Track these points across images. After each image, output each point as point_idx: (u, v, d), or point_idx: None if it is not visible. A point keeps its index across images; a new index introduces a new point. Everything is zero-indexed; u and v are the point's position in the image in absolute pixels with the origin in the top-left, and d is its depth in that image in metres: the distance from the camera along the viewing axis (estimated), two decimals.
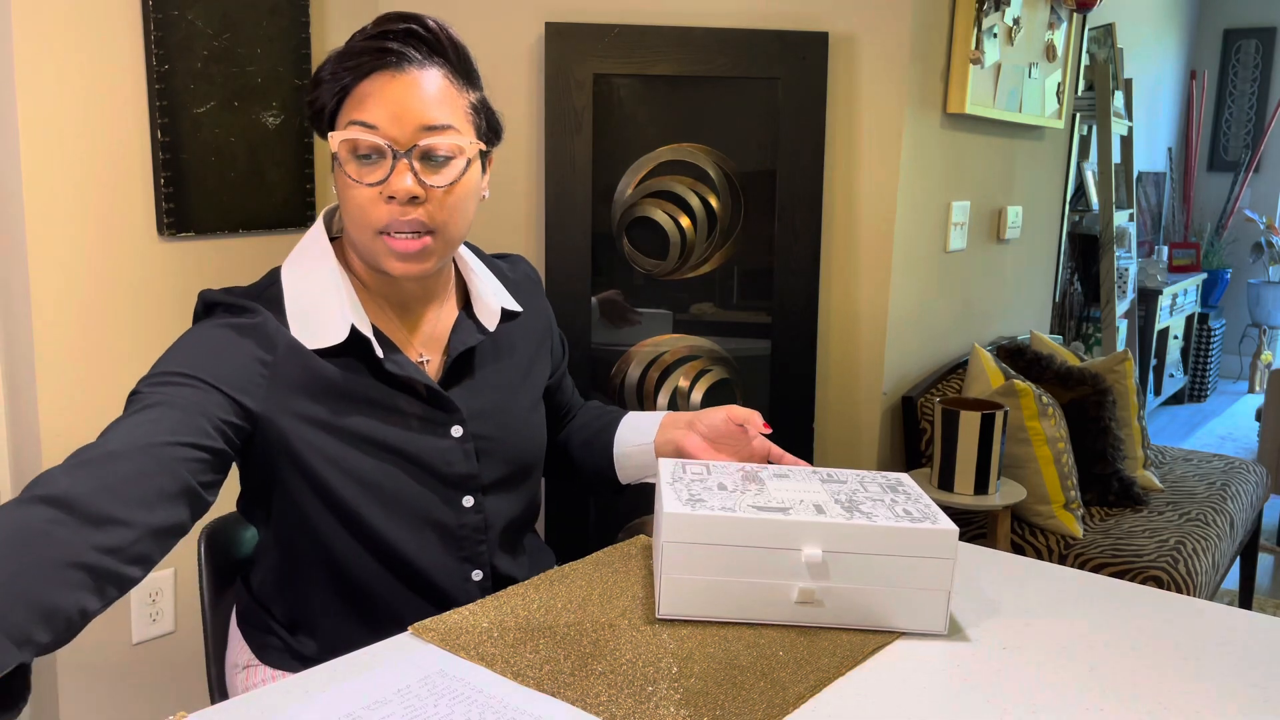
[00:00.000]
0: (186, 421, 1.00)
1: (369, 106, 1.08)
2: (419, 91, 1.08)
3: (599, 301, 2.32)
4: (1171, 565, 2.21)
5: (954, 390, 2.61)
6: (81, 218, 1.78)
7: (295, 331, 1.11)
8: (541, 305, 1.36)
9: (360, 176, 1.09)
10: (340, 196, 1.13)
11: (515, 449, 1.25)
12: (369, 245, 1.12)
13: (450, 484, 1.20)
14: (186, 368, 1.06)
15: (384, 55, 1.08)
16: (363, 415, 1.14)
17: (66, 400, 1.80)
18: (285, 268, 1.17)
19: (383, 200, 1.09)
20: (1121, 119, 4.43)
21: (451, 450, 1.19)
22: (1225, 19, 6.40)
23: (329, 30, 2.13)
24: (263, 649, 1.26)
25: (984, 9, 2.51)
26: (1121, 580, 1.30)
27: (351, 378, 1.14)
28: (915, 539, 1.11)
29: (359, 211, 1.10)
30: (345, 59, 1.10)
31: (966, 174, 2.73)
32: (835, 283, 2.39)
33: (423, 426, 1.17)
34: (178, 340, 1.11)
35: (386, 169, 1.08)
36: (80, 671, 1.87)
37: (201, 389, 1.04)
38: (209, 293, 1.15)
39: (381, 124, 1.07)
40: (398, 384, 1.16)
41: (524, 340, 1.30)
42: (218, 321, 1.12)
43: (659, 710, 0.94)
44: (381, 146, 1.08)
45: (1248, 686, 1.02)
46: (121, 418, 1.00)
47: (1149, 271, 5.22)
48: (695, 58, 2.23)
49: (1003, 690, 1.00)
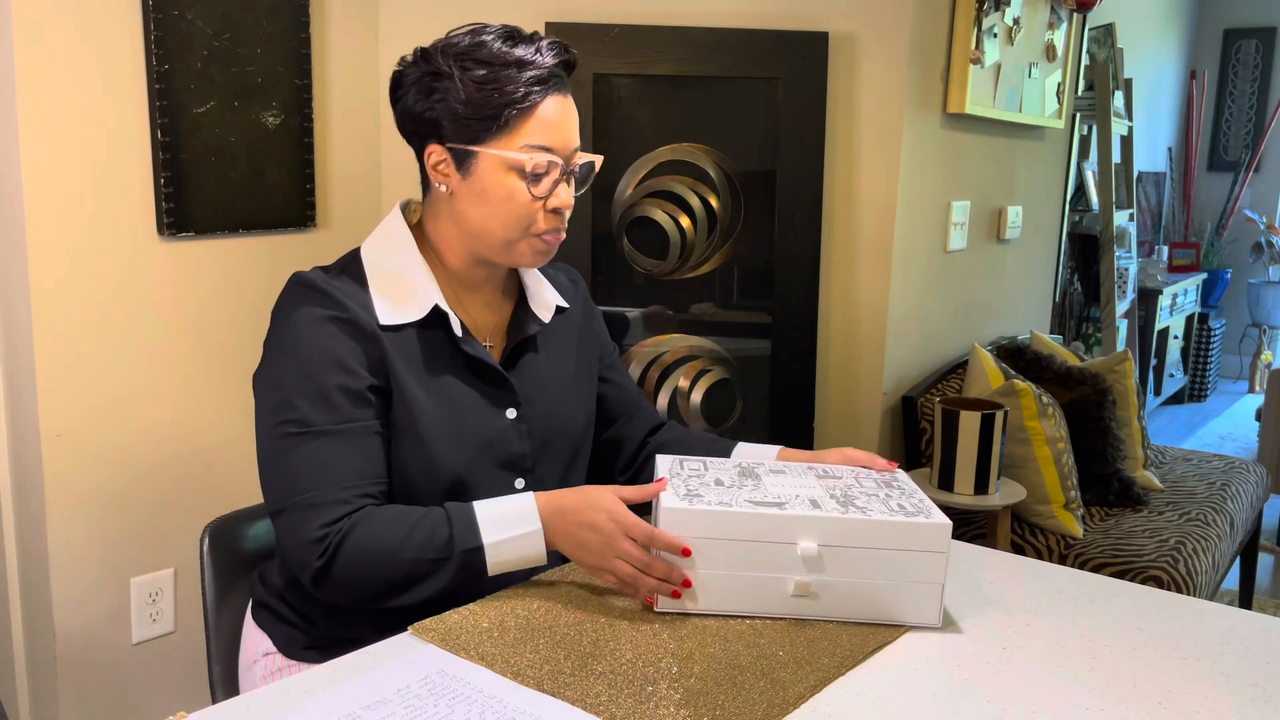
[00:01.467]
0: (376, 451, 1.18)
1: (548, 130, 1.19)
2: (573, 115, 1.22)
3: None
4: (1171, 565, 2.21)
5: (954, 390, 2.61)
6: (81, 218, 1.78)
7: (379, 307, 1.20)
8: (585, 303, 1.44)
9: (534, 189, 1.20)
10: (489, 197, 1.20)
11: (564, 433, 1.32)
12: (514, 243, 1.22)
13: (503, 465, 1.26)
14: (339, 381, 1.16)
15: (555, 79, 1.20)
16: (427, 398, 1.21)
17: (66, 400, 1.80)
18: (366, 250, 1.25)
19: (543, 209, 1.21)
20: (1121, 119, 4.43)
21: (507, 430, 1.26)
22: (1225, 19, 6.40)
23: (329, 30, 2.13)
24: (281, 639, 1.28)
25: (984, 9, 2.51)
26: (1121, 580, 1.30)
27: (427, 352, 1.22)
28: (908, 533, 1.11)
29: (523, 218, 1.21)
30: (526, 72, 1.17)
31: (966, 174, 2.73)
32: (835, 283, 2.39)
33: (482, 405, 1.25)
34: (295, 336, 1.17)
35: (551, 184, 1.21)
36: (80, 671, 1.87)
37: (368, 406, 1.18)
38: (303, 273, 1.22)
39: (557, 146, 1.20)
40: (466, 362, 1.24)
41: (571, 334, 1.39)
42: (323, 314, 1.17)
43: (659, 710, 0.94)
44: (555, 165, 1.20)
45: (1248, 686, 1.02)
46: (328, 447, 1.14)
47: (1149, 271, 5.22)
48: (695, 58, 2.23)
49: (1003, 690, 1.00)
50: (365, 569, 1.12)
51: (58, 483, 1.80)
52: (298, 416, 1.14)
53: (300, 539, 1.13)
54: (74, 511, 1.83)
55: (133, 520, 1.91)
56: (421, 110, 1.20)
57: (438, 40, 1.21)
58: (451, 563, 1.12)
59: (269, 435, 1.16)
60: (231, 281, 2.00)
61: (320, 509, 1.13)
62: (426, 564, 1.12)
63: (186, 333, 1.95)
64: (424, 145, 1.22)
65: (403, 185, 2.27)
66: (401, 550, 1.12)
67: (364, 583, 1.13)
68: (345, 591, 1.14)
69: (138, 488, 1.91)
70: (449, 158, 1.20)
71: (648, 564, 1.11)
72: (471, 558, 1.13)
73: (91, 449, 1.84)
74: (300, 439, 1.14)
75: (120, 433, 1.87)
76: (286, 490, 1.14)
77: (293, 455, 1.14)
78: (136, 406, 1.89)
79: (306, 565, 1.13)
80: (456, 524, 1.14)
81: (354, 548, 1.12)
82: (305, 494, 1.13)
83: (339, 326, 1.17)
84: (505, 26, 1.21)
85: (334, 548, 1.12)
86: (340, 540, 1.12)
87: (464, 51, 1.17)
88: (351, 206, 2.22)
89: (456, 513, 1.15)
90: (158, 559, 1.95)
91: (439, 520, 1.14)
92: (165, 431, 1.93)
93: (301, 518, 1.13)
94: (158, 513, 1.94)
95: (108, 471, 1.87)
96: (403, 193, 2.23)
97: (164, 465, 1.94)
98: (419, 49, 1.21)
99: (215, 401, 2.00)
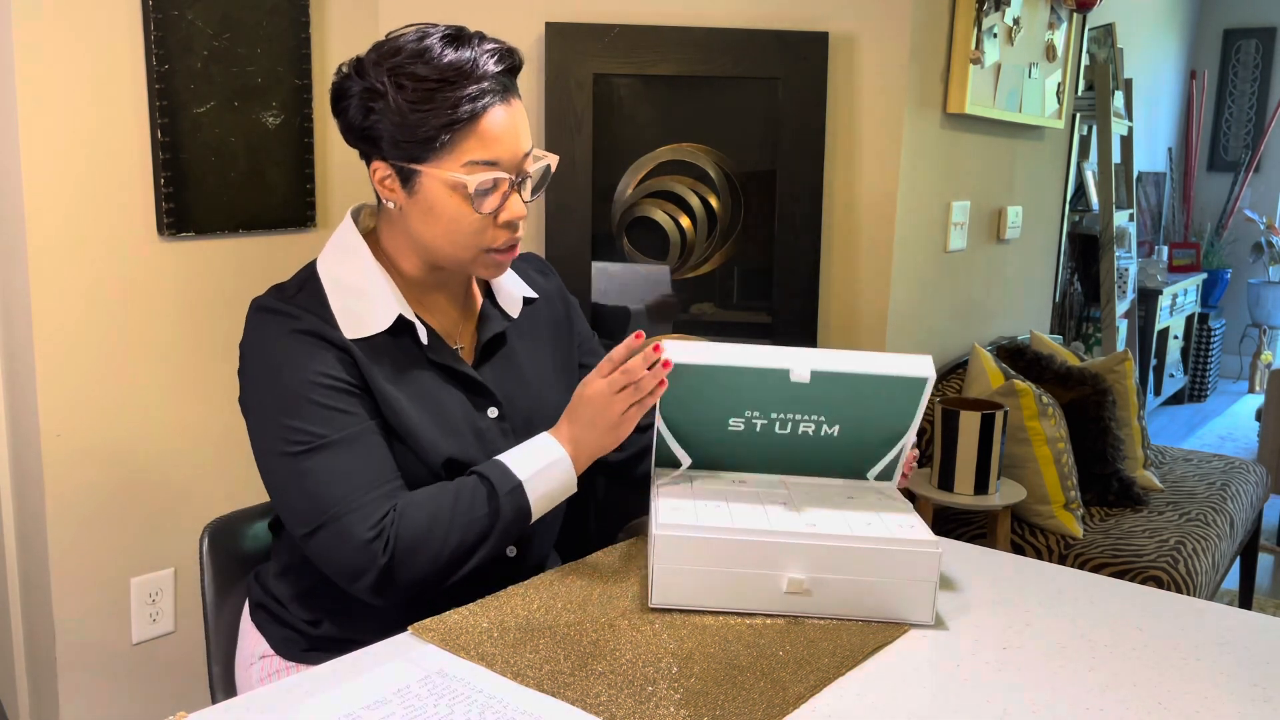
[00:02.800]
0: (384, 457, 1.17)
1: (491, 144, 1.14)
2: (520, 121, 1.17)
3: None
4: (1171, 565, 2.21)
5: (954, 390, 2.61)
6: (81, 218, 1.78)
7: (341, 323, 1.18)
8: (555, 289, 1.42)
9: (479, 207, 1.16)
10: (436, 216, 1.17)
11: (547, 423, 1.30)
12: (470, 258, 1.19)
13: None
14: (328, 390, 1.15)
15: (498, 89, 1.14)
16: (408, 401, 1.20)
17: (66, 400, 1.80)
18: (321, 263, 1.23)
19: (495, 224, 1.18)
20: (1121, 119, 4.43)
21: (490, 430, 1.26)
22: (1225, 19, 6.40)
23: (329, 30, 2.13)
24: (279, 641, 1.28)
25: (984, 9, 2.51)
26: (1121, 580, 1.30)
27: (401, 359, 1.21)
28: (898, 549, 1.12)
29: (472, 235, 1.17)
30: (462, 88, 1.11)
31: (966, 174, 2.73)
32: (835, 283, 2.39)
33: (464, 407, 1.24)
34: (269, 358, 1.16)
35: (500, 197, 1.17)
36: (80, 671, 1.87)
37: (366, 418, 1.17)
38: (261, 299, 1.20)
39: (503, 159, 1.15)
40: (437, 369, 1.23)
41: (545, 324, 1.38)
42: (289, 331, 1.16)
43: (659, 710, 0.94)
44: (501, 180, 1.16)
45: (1248, 686, 1.02)
46: (329, 457, 1.13)
47: (1149, 271, 5.22)
48: (695, 58, 2.23)
49: (1003, 690, 1.00)
50: (425, 550, 1.13)
51: (58, 483, 1.80)
52: (301, 434, 1.13)
53: (351, 545, 1.11)
54: (74, 511, 1.83)
55: (132, 520, 1.91)
56: (360, 127, 1.16)
57: (377, 45, 1.15)
58: (500, 512, 1.15)
59: (276, 458, 1.15)
60: (231, 281, 2.00)
61: (362, 511, 1.12)
62: (479, 521, 1.15)
63: (186, 332, 1.95)
64: (369, 160, 1.19)
65: None
66: (454, 519, 1.14)
67: (428, 564, 1.13)
68: (412, 580, 1.14)
69: (137, 488, 1.91)
70: (393, 174, 1.17)
71: (629, 372, 1.15)
72: (515, 499, 1.16)
73: (91, 449, 1.84)
74: (311, 454, 1.13)
75: (120, 432, 1.87)
76: (318, 506, 1.12)
77: (310, 472, 1.13)
78: (136, 406, 1.89)
79: (369, 568, 1.12)
80: (491, 475, 1.17)
81: (408, 535, 1.12)
82: (340, 503, 1.12)
83: (308, 340, 1.16)
84: (449, 29, 1.15)
85: (391, 541, 1.12)
86: (395, 534, 1.12)
87: (399, 65, 1.11)
88: (351, 207, 2.21)
89: (487, 467, 1.18)
90: (157, 559, 1.95)
91: (474, 482, 1.17)
92: (165, 431, 1.94)
93: (345, 526, 1.12)
94: (157, 513, 1.94)
95: (108, 471, 1.87)
96: None
97: (164, 465, 1.94)
98: (356, 60, 1.16)
99: (215, 401, 2.00)
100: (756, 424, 1.23)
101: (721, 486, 1.24)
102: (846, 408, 1.20)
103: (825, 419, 1.22)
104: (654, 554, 1.12)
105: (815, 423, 1.22)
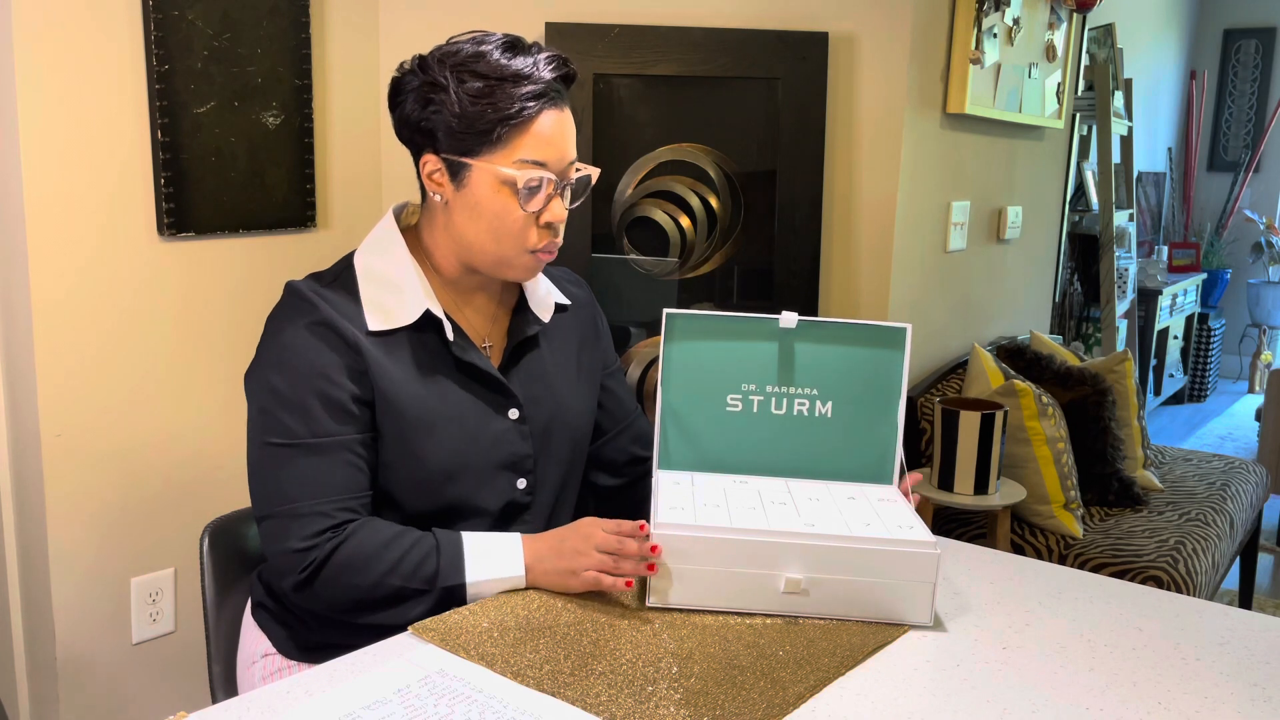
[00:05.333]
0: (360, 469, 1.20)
1: (542, 145, 1.18)
2: (570, 129, 1.22)
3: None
4: (1171, 565, 2.21)
5: (954, 390, 2.61)
6: (81, 218, 1.78)
7: (368, 314, 1.21)
8: (587, 301, 1.44)
9: (525, 204, 1.19)
10: (481, 211, 1.20)
11: (566, 428, 1.33)
12: (510, 257, 1.22)
13: (505, 466, 1.26)
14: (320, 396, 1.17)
15: (553, 94, 1.19)
16: (423, 397, 1.21)
17: (66, 400, 1.80)
18: (359, 255, 1.26)
19: (536, 224, 1.21)
20: (1121, 119, 4.43)
21: (508, 431, 1.27)
22: (1225, 19, 6.40)
23: (329, 30, 2.13)
24: (281, 640, 1.29)
25: (984, 9, 2.51)
26: (1121, 580, 1.30)
27: (423, 356, 1.23)
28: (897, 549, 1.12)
29: (514, 233, 1.20)
30: (521, 87, 1.16)
31: (966, 174, 2.73)
32: (835, 283, 2.39)
33: (482, 408, 1.25)
34: (282, 346, 1.18)
35: (544, 198, 1.20)
36: (80, 671, 1.87)
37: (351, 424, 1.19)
38: (296, 282, 1.23)
39: (551, 161, 1.19)
40: (462, 367, 1.25)
41: (574, 333, 1.40)
42: (308, 325, 1.19)
43: (659, 710, 0.94)
44: (548, 181, 1.19)
45: (1248, 686, 1.02)
46: (311, 464, 1.16)
47: (1149, 271, 5.22)
48: (695, 58, 2.23)
49: (1003, 690, 1.00)
50: (348, 586, 1.15)
51: (58, 483, 1.81)
52: (283, 428, 1.17)
53: (282, 548, 1.16)
54: (74, 512, 1.83)
55: (133, 520, 1.91)
56: (418, 119, 1.20)
57: (438, 47, 1.21)
58: (432, 594, 1.16)
59: (256, 443, 1.19)
60: (231, 282, 2.00)
61: (301, 520, 1.16)
62: (410, 591, 1.16)
63: (186, 332, 1.95)
64: (420, 153, 1.22)
65: (402, 186, 2.27)
66: (389, 575, 1.15)
67: (343, 598, 1.17)
68: (323, 603, 1.18)
69: (138, 488, 1.91)
70: (443, 168, 1.21)
71: (622, 543, 1.13)
72: (452, 592, 1.17)
73: (91, 449, 1.84)
74: (285, 450, 1.17)
75: (120, 432, 1.87)
76: (271, 498, 1.18)
77: (278, 465, 1.17)
78: (136, 406, 1.89)
79: (288, 574, 1.17)
80: (444, 557, 1.17)
81: (342, 564, 1.15)
82: (288, 504, 1.16)
83: (323, 337, 1.18)
84: (507, 37, 1.20)
85: (318, 563, 1.15)
86: (326, 556, 1.15)
87: (461, 63, 1.17)
88: (351, 207, 2.22)
89: (446, 544, 1.17)
90: (158, 559, 1.95)
91: (428, 551, 1.17)
92: (165, 431, 1.94)
93: (283, 527, 1.16)
94: (158, 513, 1.94)
95: (108, 471, 1.87)
96: (402, 194, 2.23)
97: (164, 465, 1.94)
98: (418, 57, 1.21)
99: (215, 401, 2.00)
100: (754, 401, 1.25)
101: (721, 486, 1.24)
102: (835, 375, 1.26)
103: (818, 394, 1.26)
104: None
105: (809, 398, 1.27)
